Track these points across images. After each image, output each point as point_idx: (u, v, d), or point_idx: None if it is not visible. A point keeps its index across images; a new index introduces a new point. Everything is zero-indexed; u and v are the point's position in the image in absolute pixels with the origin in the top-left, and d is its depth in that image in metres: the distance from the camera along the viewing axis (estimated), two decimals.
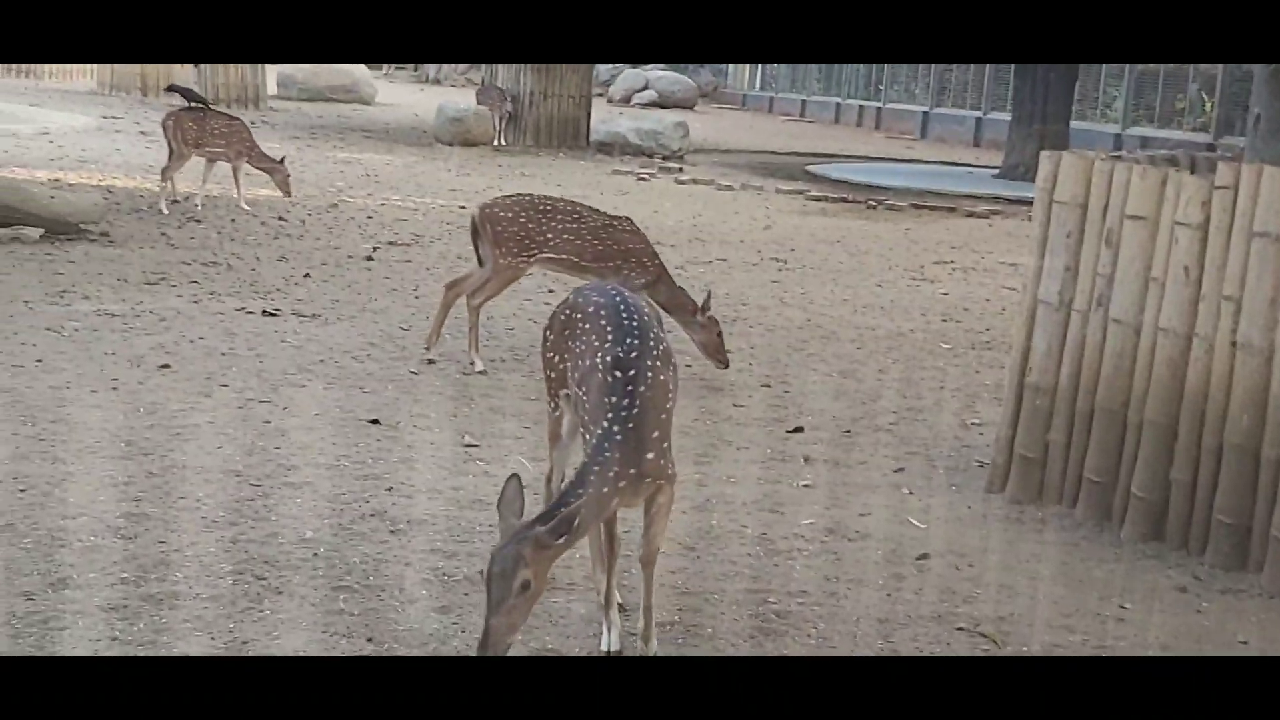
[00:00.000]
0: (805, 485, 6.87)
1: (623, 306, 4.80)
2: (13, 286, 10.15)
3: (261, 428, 7.10)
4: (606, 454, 4.42)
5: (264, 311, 9.90)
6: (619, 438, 4.44)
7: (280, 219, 14.39)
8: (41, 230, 12.03)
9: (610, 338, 4.66)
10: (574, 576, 5.40)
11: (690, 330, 8.78)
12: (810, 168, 25.43)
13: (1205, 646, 5.31)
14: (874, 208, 19.53)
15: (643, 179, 21.17)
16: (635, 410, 4.50)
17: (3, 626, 4.65)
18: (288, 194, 15.05)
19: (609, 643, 4.81)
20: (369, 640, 4.78)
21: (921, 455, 7.52)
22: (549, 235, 8.64)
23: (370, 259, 12.49)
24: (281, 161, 15.00)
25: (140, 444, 6.66)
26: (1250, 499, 5.97)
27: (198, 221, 13.82)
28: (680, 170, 22.59)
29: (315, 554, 5.47)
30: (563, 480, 5.16)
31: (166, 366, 8.16)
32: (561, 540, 4.13)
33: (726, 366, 8.75)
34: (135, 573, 5.15)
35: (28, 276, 10.58)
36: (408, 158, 22.16)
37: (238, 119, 15.34)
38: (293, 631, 4.81)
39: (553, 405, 5.22)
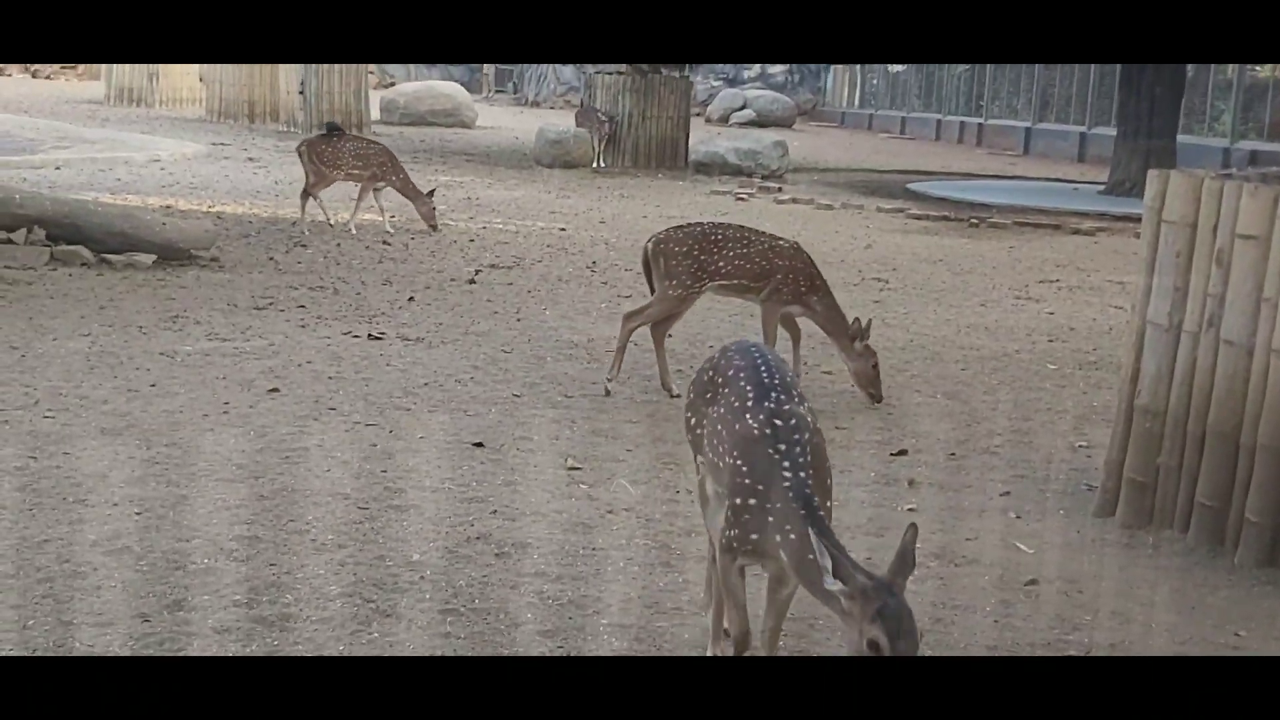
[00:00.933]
0: (910, 509, 6.81)
1: (763, 366, 4.64)
2: (127, 312, 10.42)
3: (368, 451, 7.20)
4: (810, 499, 4.18)
5: (370, 335, 10.05)
6: (807, 487, 4.20)
7: (385, 243, 14.61)
8: (154, 256, 12.33)
9: (752, 395, 4.49)
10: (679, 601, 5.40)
11: (847, 356, 8.92)
12: (911, 186, 25.26)
13: None
14: (977, 225, 19.32)
15: (741, 199, 21.16)
16: (808, 457, 4.30)
17: (121, 649, 4.76)
18: (433, 226, 15.31)
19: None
20: None
21: (1029, 478, 7.42)
22: (720, 263, 8.87)
23: (473, 282, 12.63)
24: (431, 194, 15.29)
25: (251, 467, 6.79)
26: None
27: (304, 247, 14.08)
28: (779, 190, 22.55)
29: (422, 577, 5.54)
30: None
31: (275, 390, 8.31)
32: None
33: (880, 401, 8.77)
34: (247, 595, 5.25)
35: (141, 302, 10.84)
36: (508, 180, 22.38)
37: (378, 143, 15.59)
38: (402, 654, 4.86)
39: (696, 467, 4.97)
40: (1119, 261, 16.04)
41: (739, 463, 4.38)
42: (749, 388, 4.55)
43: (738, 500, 4.35)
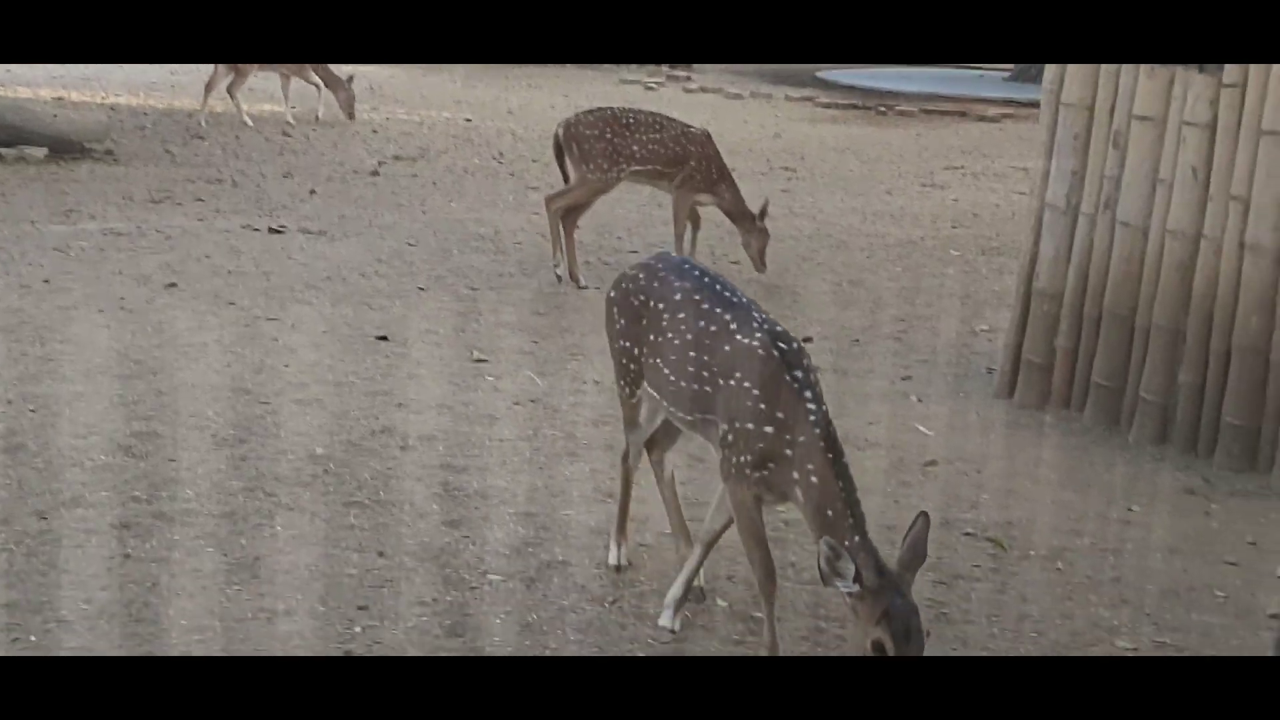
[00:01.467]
0: None
1: (716, 283, 4.49)
2: (19, 206, 10.14)
3: (269, 345, 7.12)
4: (836, 441, 4.01)
5: (270, 229, 9.88)
6: (831, 425, 4.03)
7: (285, 135, 14.31)
8: (46, 149, 11.98)
9: (731, 315, 4.29)
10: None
11: (748, 234, 9.12)
12: (820, 74, 25.16)
13: (1213, 547, 5.33)
14: (884, 113, 19.34)
15: (650, 88, 20.96)
16: (817, 385, 4.13)
17: (17, 546, 4.69)
18: (350, 115, 15.03)
19: (670, 621, 4.48)
20: (380, 554, 4.82)
21: (930, 363, 7.52)
22: (635, 148, 8.90)
23: (376, 174, 12.43)
24: (349, 81, 14.96)
25: (149, 363, 6.68)
26: (1259, 401, 5.96)
27: (202, 139, 13.75)
28: (688, 79, 22.36)
29: (325, 470, 5.50)
30: (629, 453, 4.83)
31: (173, 285, 8.16)
32: None
33: (764, 270, 8.96)
34: (147, 491, 5.19)
35: (33, 196, 10.55)
36: (412, 70, 21.98)
37: None
38: (304, 547, 4.85)
39: (629, 392, 4.73)
40: (1023, 147, 16.13)
41: (749, 386, 4.12)
42: (719, 308, 4.35)
43: (750, 425, 4.10)
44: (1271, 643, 4.38)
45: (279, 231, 9.83)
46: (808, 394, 4.05)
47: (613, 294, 4.79)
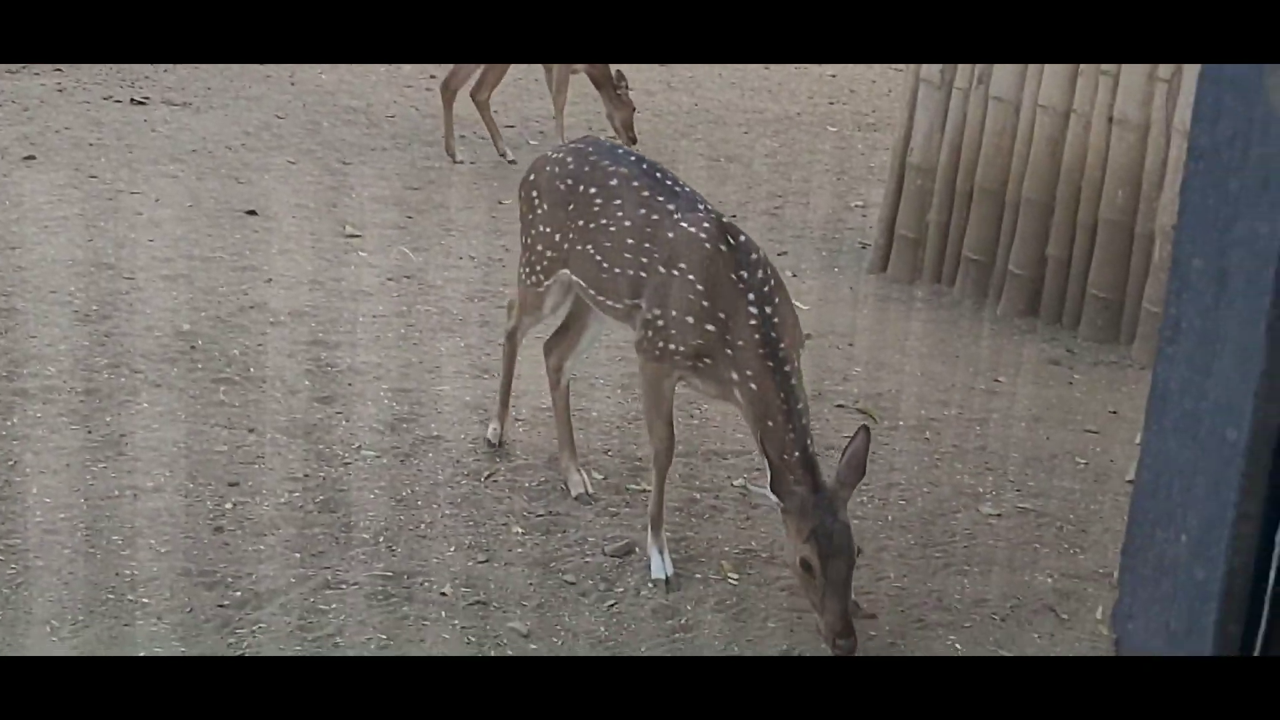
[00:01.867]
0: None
1: (656, 170, 4.32)
2: None
3: (133, 220, 6.91)
4: (779, 351, 3.93)
5: (132, 100, 9.54)
6: (775, 321, 3.96)
7: None
8: None
9: (674, 204, 4.15)
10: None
11: (614, 105, 9.00)
12: None
13: (1076, 416, 5.48)
14: None
15: None
16: (773, 292, 4.02)
17: None
18: None
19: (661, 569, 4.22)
20: (250, 431, 4.76)
21: (806, 238, 7.55)
22: None
23: None
24: None
25: (7, 237, 6.45)
26: (1123, 273, 6.10)
27: None
28: None
29: (193, 347, 5.39)
30: (517, 332, 4.76)
31: (31, 158, 7.86)
32: None
33: (635, 143, 8.86)
34: (6, 367, 5.04)
35: None
36: None
37: None
38: (171, 424, 4.76)
39: (535, 280, 4.57)
40: None
41: (693, 280, 4.00)
42: (660, 195, 4.20)
43: (689, 320, 4.00)
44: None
45: (141, 103, 9.50)
46: (751, 296, 3.95)
47: (532, 177, 4.59)
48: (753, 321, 3.92)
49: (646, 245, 4.15)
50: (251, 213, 7.14)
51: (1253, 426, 1.15)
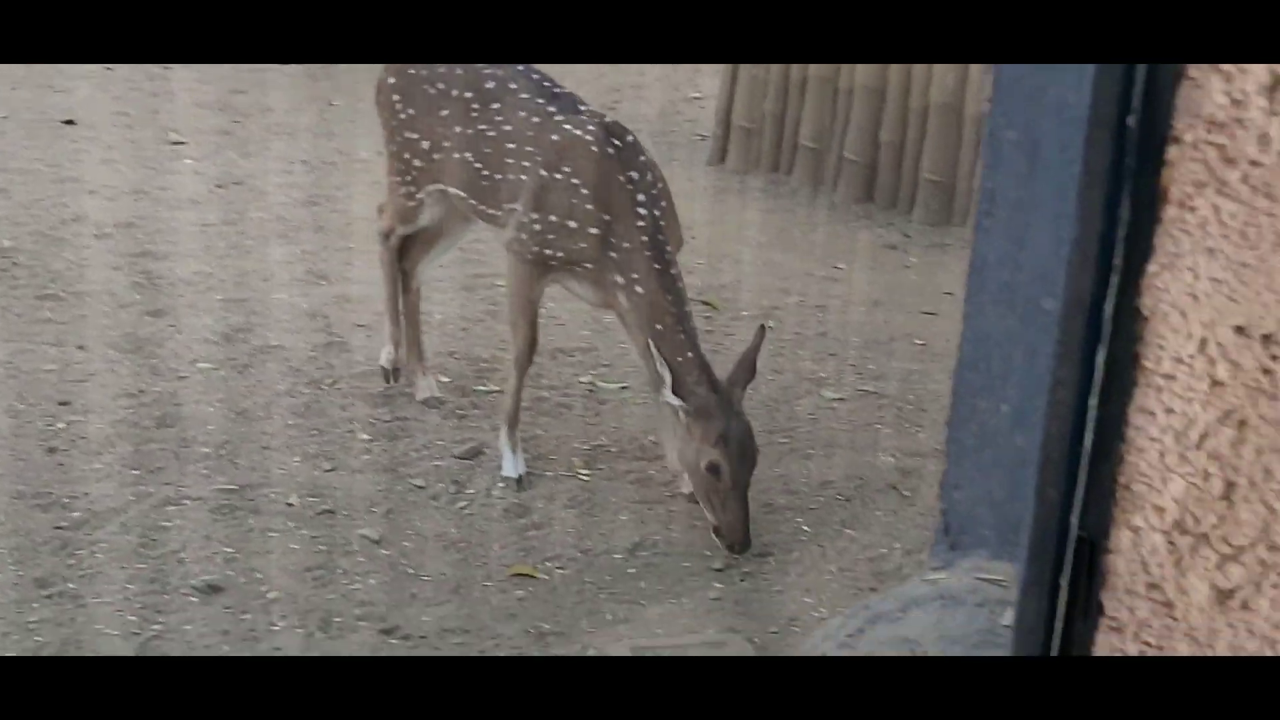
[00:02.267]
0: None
1: (534, 72, 4.16)
2: None
3: None
4: (666, 254, 3.87)
5: None
6: (662, 223, 3.90)
7: None
8: None
9: (555, 106, 4.01)
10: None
11: None
12: None
13: (913, 299, 5.58)
14: None
15: None
16: (660, 197, 3.95)
17: None
18: None
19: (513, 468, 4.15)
20: (80, 348, 4.60)
21: (642, 132, 7.47)
22: None
23: None
24: None
25: None
26: (954, 156, 6.20)
27: None
28: None
29: (14, 263, 5.18)
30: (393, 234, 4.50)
31: None
32: None
33: None
34: None
35: None
36: None
37: None
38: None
39: (407, 192, 4.37)
40: None
41: (578, 184, 3.89)
42: (540, 97, 4.05)
43: (572, 224, 3.89)
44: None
45: None
46: (640, 198, 3.87)
47: (393, 81, 4.35)
48: (640, 224, 3.84)
49: (529, 149, 3.99)
50: (69, 122, 6.85)
51: (1066, 295, 1.17)
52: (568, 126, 3.97)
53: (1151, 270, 1.15)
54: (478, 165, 4.12)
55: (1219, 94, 1.10)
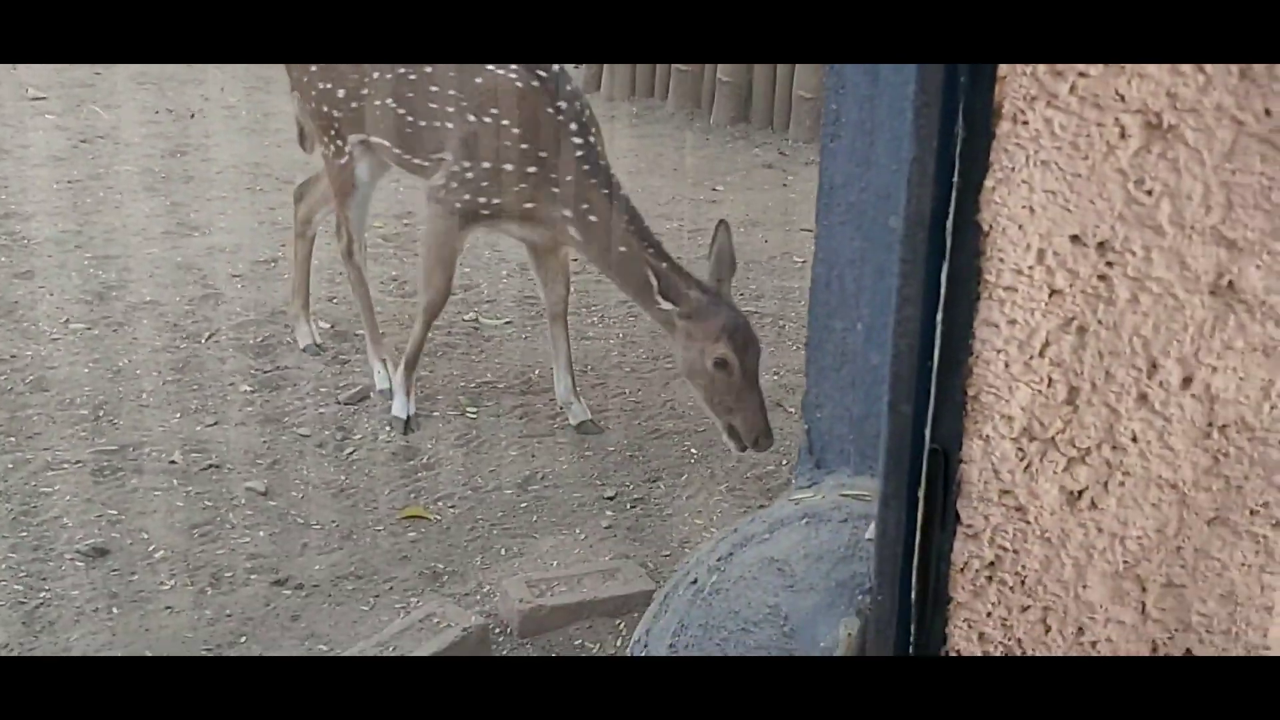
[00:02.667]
0: None
1: None
2: None
3: None
4: (612, 177, 3.77)
5: None
6: (599, 148, 3.79)
7: None
8: None
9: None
10: None
11: None
12: None
13: (791, 217, 5.61)
14: None
15: None
16: (596, 123, 3.83)
17: None
18: None
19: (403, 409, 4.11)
20: None
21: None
22: None
23: None
24: None
25: None
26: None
27: None
28: None
29: None
30: (353, 245, 4.26)
31: None
32: None
33: None
34: None
35: None
36: None
37: None
38: None
39: (336, 148, 4.14)
40: None
41: (508, 125, 3.74)
42: None
43: (508, 167, 3.75)
44: None
45: None
46: (573, 126, 3.75)
47: None
48: (579, 153, 3.75)
49: (452, 93, 3.83)
50: None
51: (907, 213, 1.19)
52: (489, 67, 3.81)
53: (988, 185, 1.16)
54: (401, 111, 3.94)
55: None
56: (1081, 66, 1.13)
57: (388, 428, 4.07)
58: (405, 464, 3.93)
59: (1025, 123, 1.15)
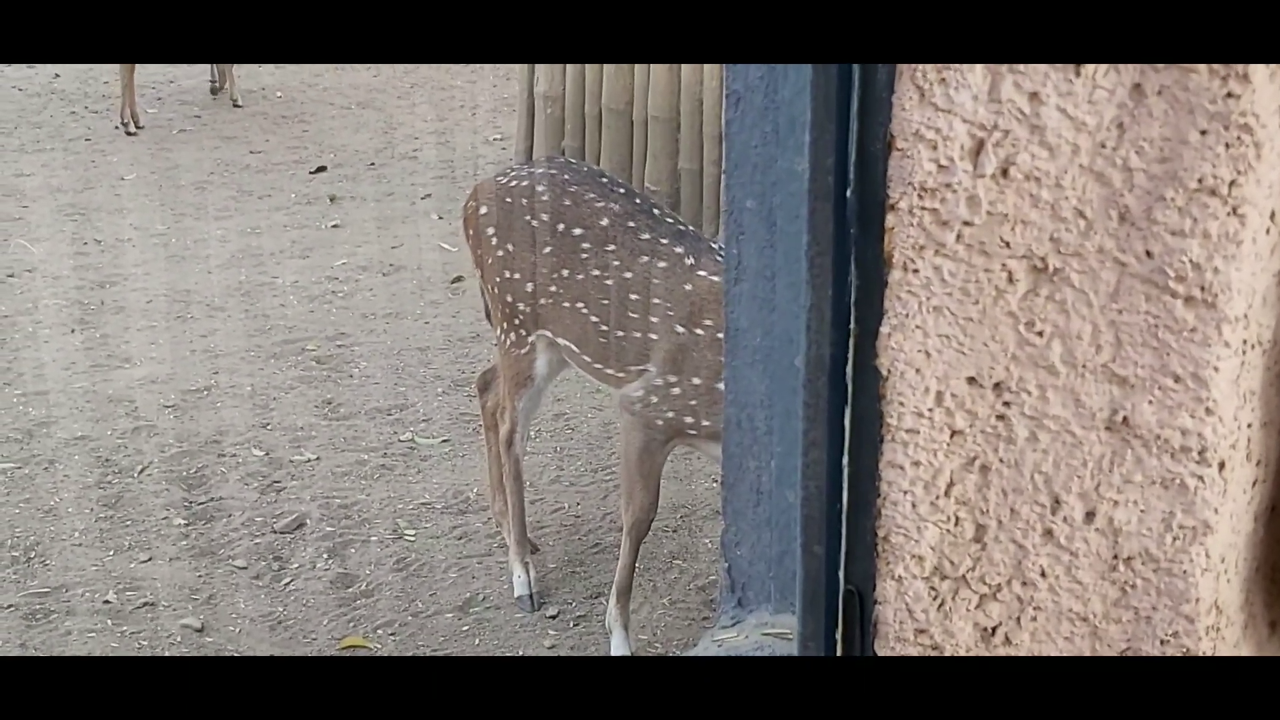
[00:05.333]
0: (334, 226, 6.74)
1: (654, 206, 3.65)
2: None
3: None
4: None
5: None
6: None
7: None
8: None
9: (682, 245, 3.46)
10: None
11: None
12: None
13: None
14: None
15: None
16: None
17: None
18: None
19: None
20: None
21: (448, 178, 7.50)
22: None
23: None
24: None
25: None
26: None
27: None
28: None
29: None
30: (515, 434, 3.86)
31: None
32: None
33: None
34: None
35: None
36: None
37: None
38: None
39: (512, 338, 3.80)
40: None
41: (720, 335, 3.07)
42: (664, 238, 3.50)
43: (709, 383, 3.36)
44: None
45: None
46: None
47: (484, 210, 3.76)
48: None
49: (657, 301, 3.47)
50: None
51: (808, 358, 1.21)
52: (701, 273, 3.44)
53: (884, 331, 1.19)
54: (593, 319, 3.58)
55: (927, 161, 1.14)
56: (965, 215, 1.16)
57: (325, 558, 4.03)
58: (344, 592, 3.90)
59: (916, 270, 1.18)
